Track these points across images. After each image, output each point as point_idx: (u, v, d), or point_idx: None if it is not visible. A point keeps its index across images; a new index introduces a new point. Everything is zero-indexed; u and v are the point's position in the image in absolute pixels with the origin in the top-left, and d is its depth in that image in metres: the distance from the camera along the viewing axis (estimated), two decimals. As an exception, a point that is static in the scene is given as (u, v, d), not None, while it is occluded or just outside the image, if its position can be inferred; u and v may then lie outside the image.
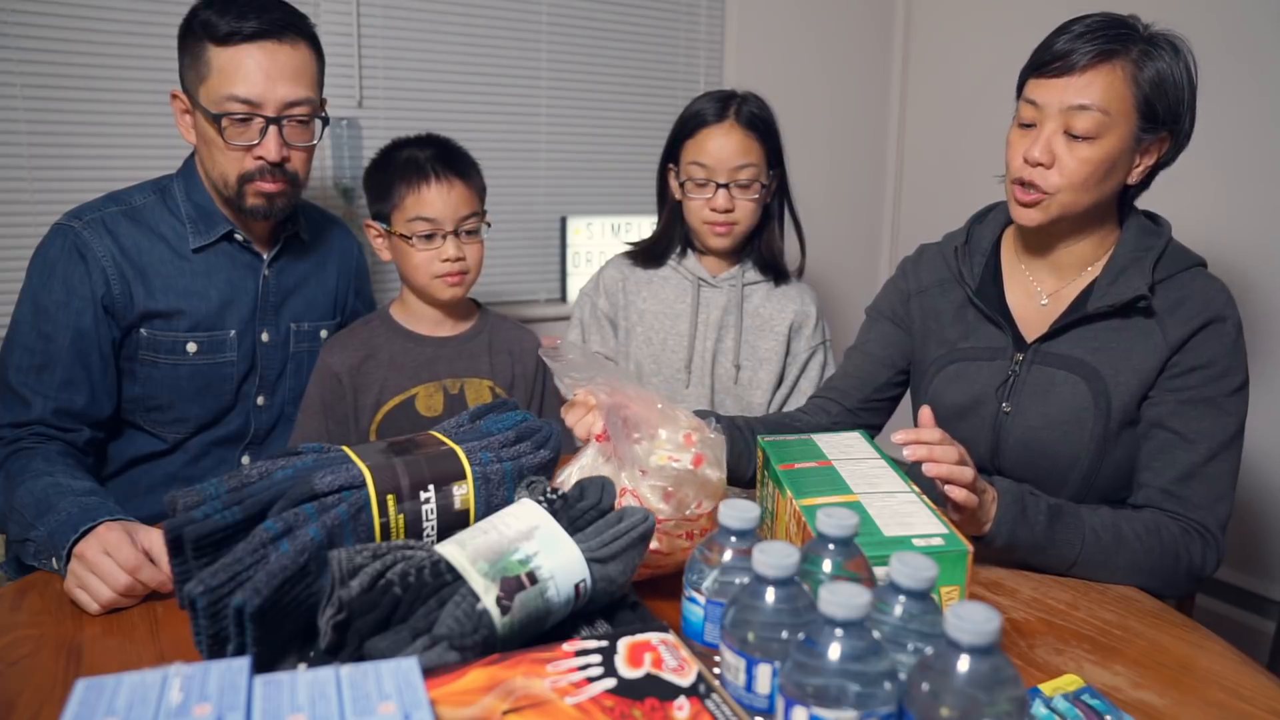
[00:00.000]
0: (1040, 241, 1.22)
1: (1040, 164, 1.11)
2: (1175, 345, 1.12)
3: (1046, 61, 1.11)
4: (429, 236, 1.37)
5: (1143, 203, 1.24)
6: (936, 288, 1.32)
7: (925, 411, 1.04)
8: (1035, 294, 1.24)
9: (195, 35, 1.22)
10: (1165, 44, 1.11)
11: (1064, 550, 1.04)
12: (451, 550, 0.70)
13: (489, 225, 1.44)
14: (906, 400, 1.41)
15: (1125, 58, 1.09)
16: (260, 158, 1.25)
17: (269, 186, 1.28)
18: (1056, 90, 1.10)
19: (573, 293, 2.22)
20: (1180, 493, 1.10)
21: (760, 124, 1.52)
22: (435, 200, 1.36)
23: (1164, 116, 1.11)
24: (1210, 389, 1.11)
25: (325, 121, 1.32)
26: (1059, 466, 1.17)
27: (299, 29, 1.26)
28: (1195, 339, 1.11)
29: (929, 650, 0.58)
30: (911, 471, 0.99)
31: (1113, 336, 1.15)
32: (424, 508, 0.82)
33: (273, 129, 1.25)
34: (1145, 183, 1.19)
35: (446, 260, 1.37)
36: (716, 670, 0.68)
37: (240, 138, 1.24)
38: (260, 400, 1.41)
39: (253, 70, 1.21)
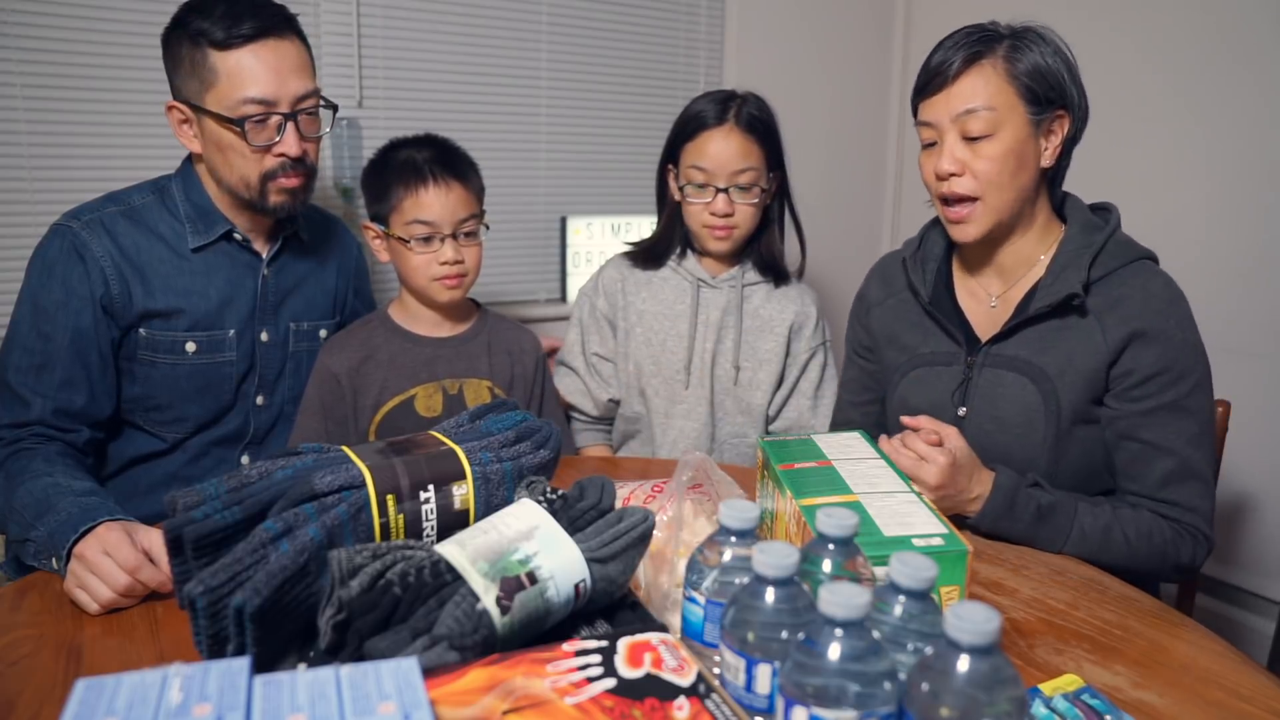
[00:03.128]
0: (982, 250, 1.25)
1: (953, 174, 1.16)
2: (1117, 348, 1.14)
3: (925, 83, 1.17)
4: (427, 239, 1.36)
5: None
6: (894, 297, 1.36)
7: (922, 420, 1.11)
8: (985, 297, 1.28)
9: (192, 43, 1.22)
10: (1030, 34, 1.16)
11: (1044, 545, 1.12)
12: (451, 550, 0.70)
13: (487, 227, 1.44)
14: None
15: (993, 56, 1.14)
16: (281, 154, 1.26)
17: (291, 182, 1.29)
18: (941, 104, 1.16)
19: (573, 293, 2.22)
20: (1166, 497, 1.14)
21: (760, 126, 1.52)
22: (433, 203, 1.35)
23: (1049, 96, 1.15)
24: (1169, 394, 1.13)
25: (334, 108, 1.34)
26: (1016, 468, 1.18)
27: (289, 23, 1.27)
28: (1140, 346, 1.13)
29: (929, 650, 0.58)
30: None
31: (1056, 337, 1.18)
32: (424, 508, 0.82)
33: (290, 125, 1.25)
34: (1064, 163, 1.22)
35: (445, 263, 1.37)
36: (716, 670, 0.68)
37: (260, 138, 1.24)
38: (260, 400, 1.41)
39: (261, 70, 1.22)
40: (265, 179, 1.27)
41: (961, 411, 1.24)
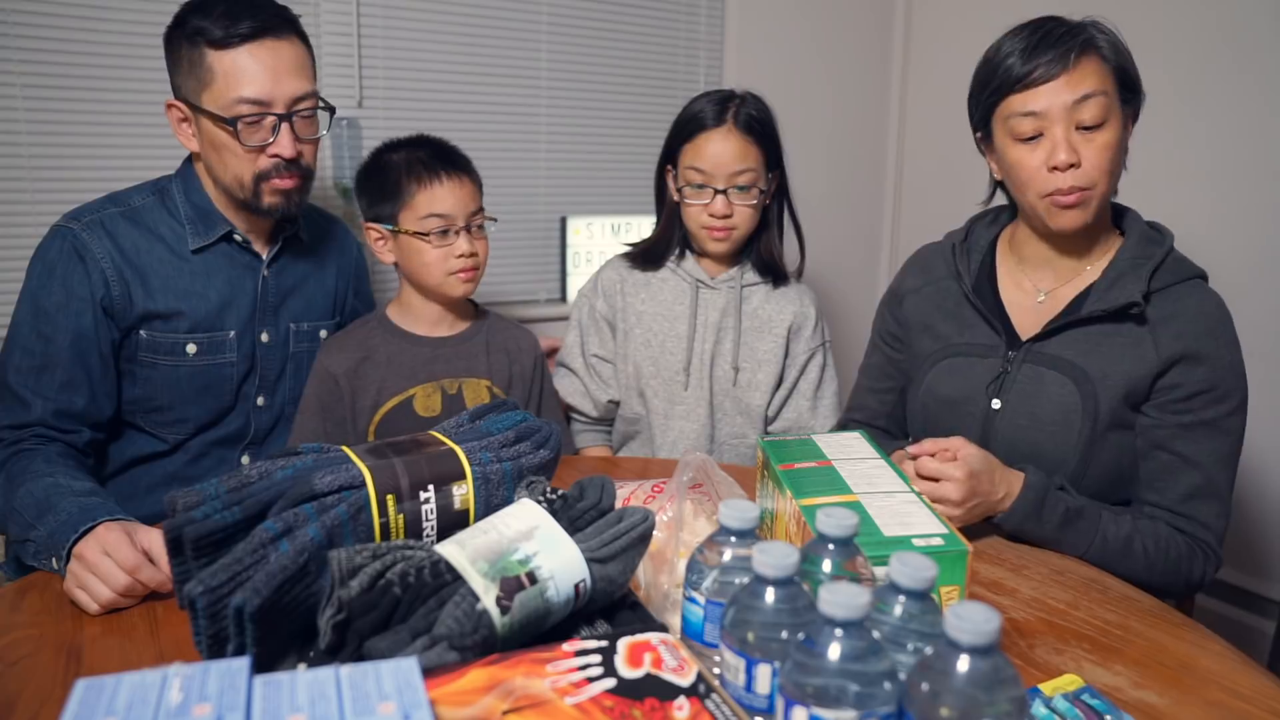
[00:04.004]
0: (1053, 244, 1.23)
1: (1072, 165, 1.12)
2: (1168, 361, 1.14)
3: (1023, 75, 1.13)
4: (443, 233, 1.37)
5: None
6: (933, 285, 1.35)
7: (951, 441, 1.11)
8: (1032, 292, 1.26)
9: (190, 43, 1.22)
10: (1097, 25, 1.16)
11: (1068, 549, 1.11)
12: (451, 550, 0.70)
13: (495, 221, 1.45)
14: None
15: (1093, 44, 1.13)
16: (275, 155, 1.26)
17: (285, 183, 1.28)
18: (1054, 92, 1.12)
19: (573, 293, 2.22)
20: (1187, 511, 1.14)
21: (759, 126, 1.52)
22: (447, 196, 1.36)
23: (1134, 84, 1.16)
24: (1209, 412, 1.14)
25: (331, 110, 1.33)
26: (1046, 466, 1.18)
27: (290, 24, 1.26)
28: (1191, 363, 1.13)
29: (929, 650, 0.58)
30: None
31: (1104, 341, 1.17)
32: (424, 508, 0.82)
33: (285, 126, 1.25)
34: None
35: (461, 256, 1.38)
36: (716, 670, 0.68)
37: (254, 138, 1.24)
38: (260, 401, 1.41)
39: (257, 70, 1.21)
40: (259, 179, 1.27)
41: (996, 404, 1.23)
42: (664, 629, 0.70)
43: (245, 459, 1.42)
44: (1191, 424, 1.14)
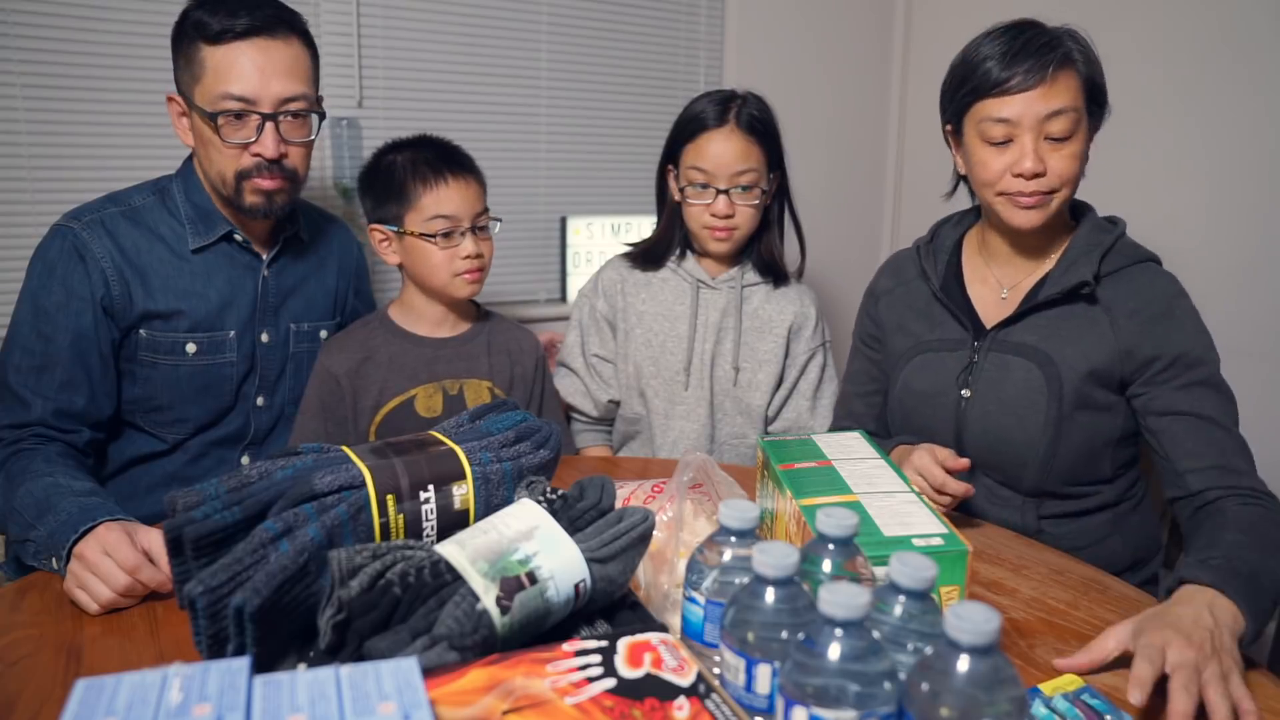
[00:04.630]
0: (1014, 241, 1.26)
1: (1037, 174, 1.15)
2: (1129, 339, 1.16)
3: (1000, 81, 1.14)
4: (448, 234, 1.37)
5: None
6: (904, 286, 1.39)
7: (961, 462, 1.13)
8: (995, 287, 1.30)
9: (188, 37, 1.22)
10: (1079, 36, 1.17)
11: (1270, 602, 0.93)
12: (451, 550, 0.70)
13: (500, 221, 1.45)
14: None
15: (1070, 58, 1.14)
16: (258, 154, 1.25)
17: (267, 184, 1.27)
18: (1028, 102, 1.14)
19: (573, 293, 2.22)
20: (1235, 465, 1.10)
21: (761, 127, 1.52)
22: (453, 197, 1.37)
23: (1103, 97, 1.18)
24: (1199, 372, 1.15)
25: (322, 117, 1.32)
26: (1017, 449, 1.21)
27: (291, 25, 1.26)
28: (1158, 336, 1.16)
29: (929, 650, 0.58)
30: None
31: (1063, 324, 1.21)
32: (424, 508, 0.82)
33: (269, 125, 1.24)
34: None
35: (467, 257, 1.38)
36: (716, 670, 0.68)
37: (236, 135, 1.24)
38: (260, 401, 1.41)
39: (246, 67, 1.21)
40: (240, 177, 1.27)
41: (966, 394, 1.25)
42: (664, 629, 0.70)
43: (245, 459, 1.42)
44: (1189, 384, 1.15)
